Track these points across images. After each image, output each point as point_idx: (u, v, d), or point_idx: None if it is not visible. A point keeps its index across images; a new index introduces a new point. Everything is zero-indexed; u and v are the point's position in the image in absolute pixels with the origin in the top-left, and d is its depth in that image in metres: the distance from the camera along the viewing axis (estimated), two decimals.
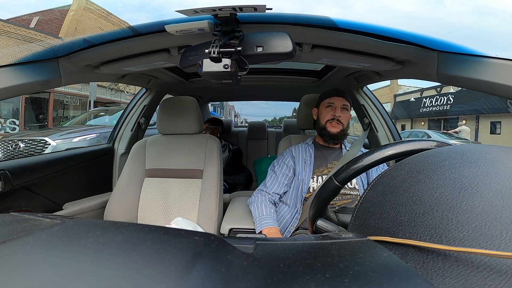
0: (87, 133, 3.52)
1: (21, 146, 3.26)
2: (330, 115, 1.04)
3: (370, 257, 0.22)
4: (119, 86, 10.56)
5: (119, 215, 1.04)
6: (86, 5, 10.08)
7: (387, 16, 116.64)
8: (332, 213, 0.46)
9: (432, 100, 13.05)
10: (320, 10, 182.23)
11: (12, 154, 3.26)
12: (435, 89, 13.04)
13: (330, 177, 0.43)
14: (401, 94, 16.08)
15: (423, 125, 14.16)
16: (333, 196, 0.43)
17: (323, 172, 1.02)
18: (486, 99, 9.83)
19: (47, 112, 9.60)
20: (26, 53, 0.79)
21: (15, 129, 8.48)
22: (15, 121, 8.67)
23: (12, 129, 8.46)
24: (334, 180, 0.42)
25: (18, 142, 3.29)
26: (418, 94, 14.35)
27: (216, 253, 0.23)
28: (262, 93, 2.32)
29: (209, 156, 1.10)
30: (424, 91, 14.01)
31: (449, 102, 12.13)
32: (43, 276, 0.18)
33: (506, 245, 0.18)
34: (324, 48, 0.83)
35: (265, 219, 0.95)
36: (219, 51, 0.55)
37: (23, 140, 3.31)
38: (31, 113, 9.28)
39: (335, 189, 0.42)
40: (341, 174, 0.41)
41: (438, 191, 0.24)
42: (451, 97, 11.96)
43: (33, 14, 10.41)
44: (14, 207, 0.99)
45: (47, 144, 3.26)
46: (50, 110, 9.61)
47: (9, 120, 8.59)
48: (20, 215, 0.32)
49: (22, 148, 3.26)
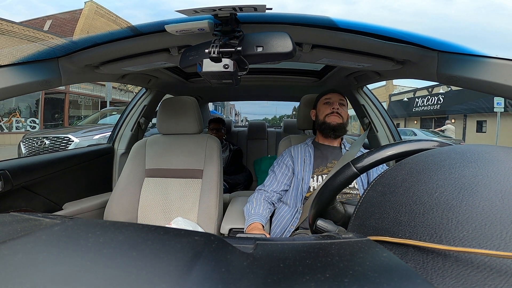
0: (106, 131, 3.70)
1: (46, 143, 3.47)
2: (329, 110, 1.06)
3: (370, 257, 0.22)
4: (128, 87, 11.15)
5: (119, 215, 1.04)
6: (97, 10, 10.44)
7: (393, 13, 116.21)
8: (340, 204, 0.46)
9: (424, 100, 13.59)
10: (324, 7, 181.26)
11: (38, 151, 3.48)
12: (426, 90, 13.54)
13: (348, 163, 0.41)
14: (396, 94, 16.45)
15: (416, 123, 14.66)
16: (345, 184, 0.41)
17: (323, 172, 1.02)
18: (473, 100, 10.26)
19: (62, 111, 10.20)
20: (26, 53, 0.79)
21: (35, 128, 9.17)
22: (35, 120, 9.35)
23: (32, 128, 9.14)
24: (352, 166, 0.40)
25: (43, 139, 3.51)
26: (412, 94, 14.81)
27: (216, 253, 0.23)
28: (262, 93, 2.32)
29: (209, 156, 1.10)
30: (417, 91, 14.50)
31: (439, 102, 12.67)
32: (43, 276, 0.18)
33: (506, 245, 0.18)
34: (324, 48, 0.83)
35: (251, 217, 0.95)
36: (219, 51, 0.55)
37: (48, 137, 3.52)
38: (48, 112, 9.81)
39: (352, 176, 0.40)
40: (361, 162, 0.40)
41: (438, 191, 0.24)
42: (441, 97, 12.49)
43: (46, 17, 10.88)
44: (14, 207, 0.99)
45: (70, 141, 3.44)
46: (66, 109, 10.19)
47: (30, 119, 9.28)
48: (20, 215, 0.32)
49: (48, 145, 3.47)
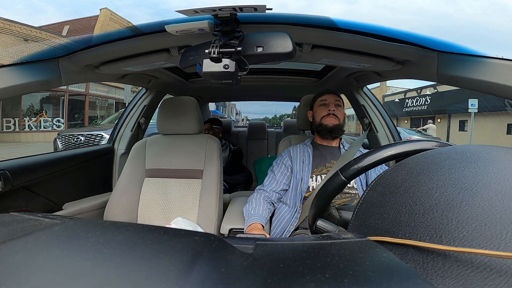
0: None
1: (81, 139, 3.80)
2: (325, 111, 1.06)
3: (370, 257, 0.22)
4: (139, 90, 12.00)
5: (119, 215, 1.04)
6: (111, 17, 10.96)
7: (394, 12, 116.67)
8: (335, 210, 0.46)
9: (413, 100, 14.49)
10: (325, 6, 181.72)
11: (74, 146, 3.82)
12: (416, 91, 14.43)
13: (337, 171, 0.42)
14: (389, 95, 17.04)
15: (407, 123, 15.51)
16: (337, 191, 0.42)
17: (322, 171, 1.03)
18: (456, 100, 11.02)
19: (80, 111, 11.26)
20: (26, 53, 0.79)
21: (60, 127, 10.31)
22: (60, 119, 10.55)
23: (58, 126, 10.33)
24: (340, 175, 0.41)
25: (78, 135, 3.86)
26: (403, 95, 15.66)
27: (216, 253, 0.23)
28: (262, 93, 2.33)
29: (209, 156, 1.10)
30: (407, 93, 15.38)
31: (426, 103, 13.52)
32: (43, 276, 0.18)
33: (506, 245, 0.18)
34: (324, 48, 0.83)
35: (251, 217, 0.95)
36: (219, 51, 0.55)
37: (82, 134, 3.86)
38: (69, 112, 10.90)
39: (341, 184, 0.41)
40: (348, 169, 0.40)
41: (438, 191, 0.24)
42: (428, 99, 13.35)
43: (63, 23, 11.59)
44: (14, 207, 0.99)
45: (103, 137, 3.72)
46: (86, 109, 11.25)
47: (55, 119, 10.52)
48: (20, 215, 0.32)
49: (83, 141, 3.80)
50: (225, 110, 20.63)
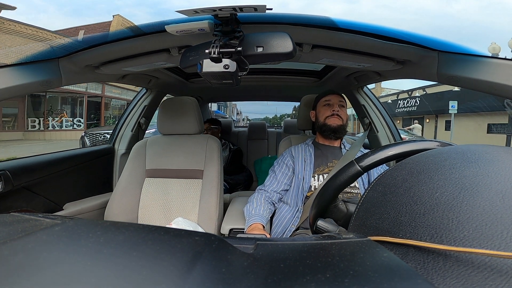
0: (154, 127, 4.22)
1: (107, 137, 3.93)
2: (329, 112, 1.06)
3: (371, 257, 0.22)
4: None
5: (120, 215, 1.04)
6: (123, 23, 11.43)
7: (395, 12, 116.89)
8: (342, 203, 0.46)
9: (405, 102, 15.12)
10: (325, 6, 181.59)
11: (101, 143, 4.09)
12: (407, 93, 15.15)
13: (352, 161, 0.41)
14: (383, 96, 17.58)
15: (399, 123, 16.04)
16: (349, 182, 0.42)
17: (324, 171, 1.03)
18: (442, 102, 11.49)
19: (96, 112, 12.16)
20: (26, 54, 0.79)
21: (80, 126, 11.39)
22: (80, 119, 11.63)
23: (78, 126, 11.43)
24: (356, 164, 0.40)
25: (105, 134, 4.17)
26: (395, 97, 16.32)
27: (217, 253, 0.23)
28: (262, 93, 2.33)
29: (209, 157, 1.10)
30: (400, 94, 16.10)
31: (416, 104, 14.09)
32: (43, 277, 0.18)
33: (506, 245, 0.18)
34: (324, 48, 0.83)
35: (251, 217, 0.95)
36: (219, 51, 0.55)
37: (108, 132, 4.00)
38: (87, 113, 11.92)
39: (355, 174, 0.40)
40: (365, 159, 0.40)
41: (438, 191, 0.24)
42: (418, 100, 13.95)
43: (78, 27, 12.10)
44: (14, 208, 0.99)
45: None
46: (102, 110, 12.13)
47: (76, 119, 11.62)
48: (21, 216, 0.32)
49: (108, 138, 3.98)
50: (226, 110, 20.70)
